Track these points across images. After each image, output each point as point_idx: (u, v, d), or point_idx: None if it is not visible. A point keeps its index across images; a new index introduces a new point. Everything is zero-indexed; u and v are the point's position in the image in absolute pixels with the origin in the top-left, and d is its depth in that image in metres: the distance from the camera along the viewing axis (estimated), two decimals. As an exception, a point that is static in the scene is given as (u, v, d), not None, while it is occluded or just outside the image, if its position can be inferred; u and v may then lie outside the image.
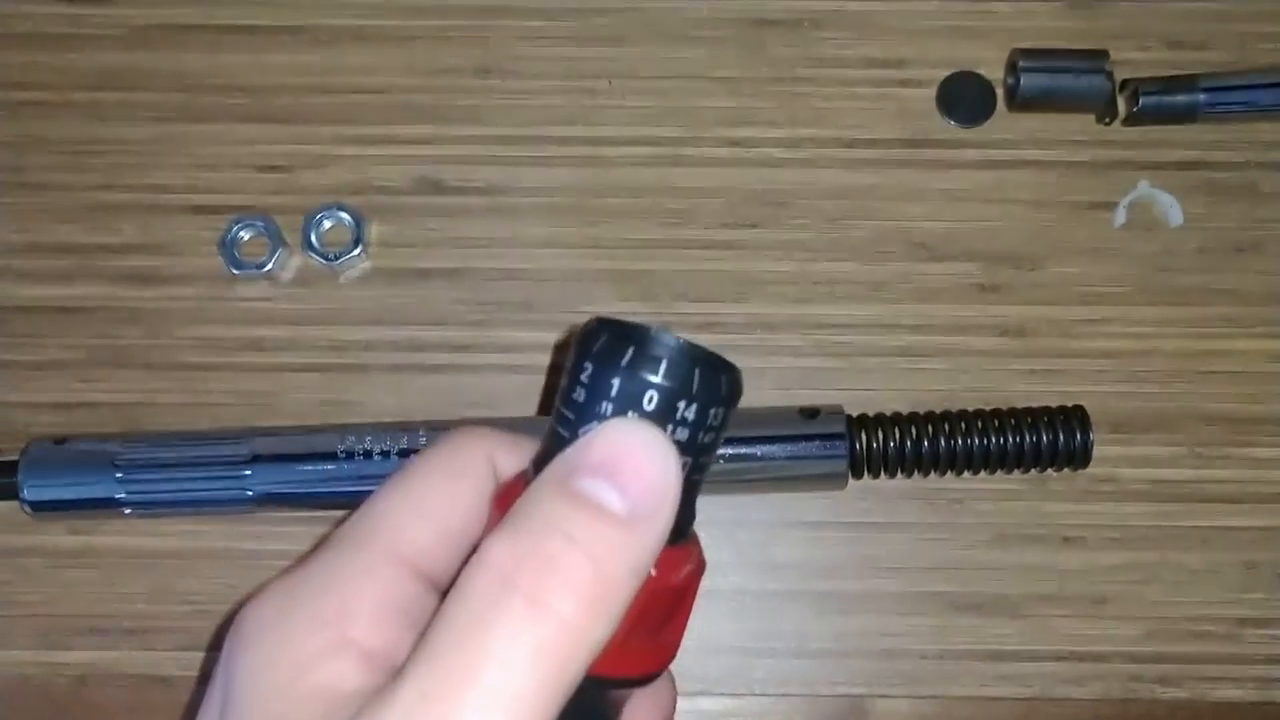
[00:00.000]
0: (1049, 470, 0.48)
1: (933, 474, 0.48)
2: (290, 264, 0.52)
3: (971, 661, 0.49)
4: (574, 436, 0.25)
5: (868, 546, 0.50)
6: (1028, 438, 0.47)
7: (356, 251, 0.51)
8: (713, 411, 0.25)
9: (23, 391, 0.51)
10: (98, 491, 0.47)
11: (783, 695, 0.49)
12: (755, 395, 0.50)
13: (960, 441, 0.47)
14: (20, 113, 0.54)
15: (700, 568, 0.27)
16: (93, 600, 0.50)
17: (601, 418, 0.25)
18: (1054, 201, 0.53)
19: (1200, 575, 0.50)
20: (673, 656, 0.27)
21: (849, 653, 0.50)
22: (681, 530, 0.26)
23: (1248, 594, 0.50)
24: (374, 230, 0.52)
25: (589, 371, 0.25)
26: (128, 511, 0.47)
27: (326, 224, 0.51)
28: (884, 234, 0.53)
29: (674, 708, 0.31)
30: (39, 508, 0.47)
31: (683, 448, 0.25)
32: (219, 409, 0.51)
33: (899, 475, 0.48)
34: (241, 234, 0.51)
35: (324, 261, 0.51)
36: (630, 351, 0.24)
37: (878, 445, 0.47)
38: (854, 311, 0.52)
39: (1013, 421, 0.47)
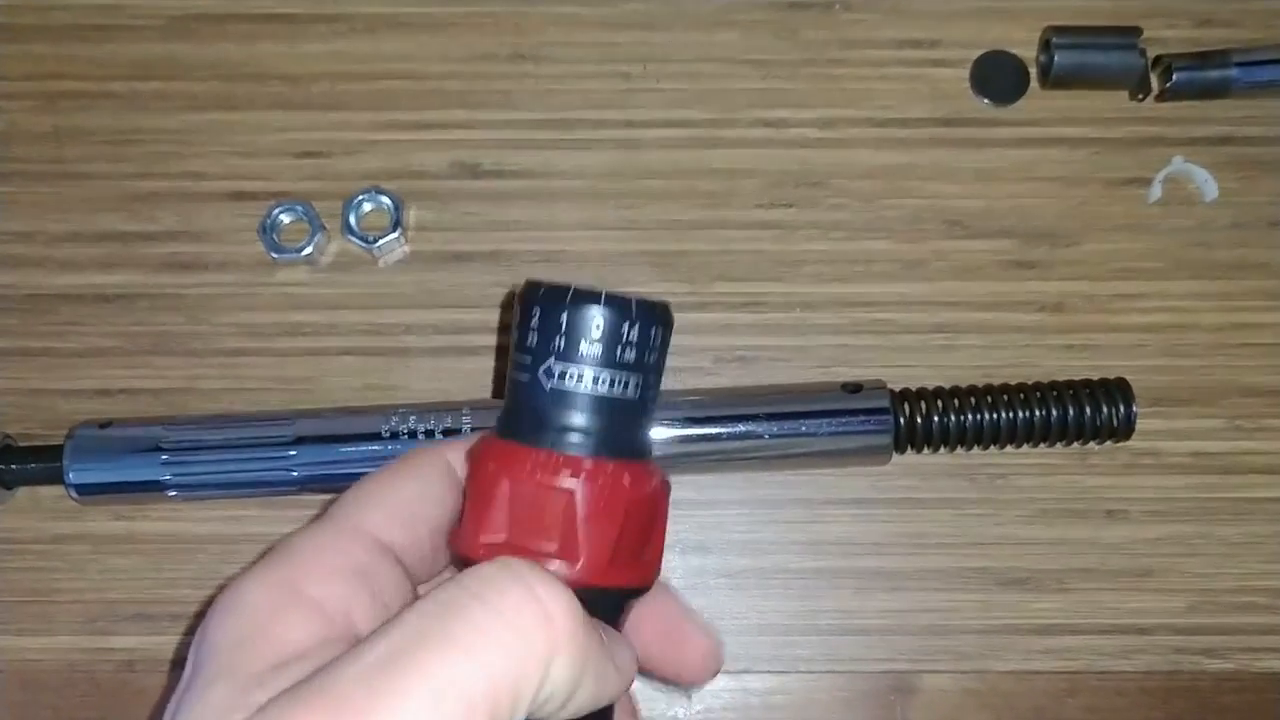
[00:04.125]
0: (1091, 443, 0.48)
1: (976, 448, 0.48)
2: (329, 248, 0.52)
3: (1016, 636, 0.49)
4: (533, 377, 0.28)
5: (911, 523, 0.50)
6: (1070, 410, 0.47)
7: (395, 235, 0.51)
8: (653, 330, 0.28)
9: (64, 378, 0.51)
10: (143, 474, 0.47)
11: (828, 672, 0.49)
12: (795, 373, 0.51)
13: (1003, 414, 0.47)
14: (59, 103, 0.54)
15: (666, 486, 0.30)
16: (138, 586, 0.50)
17: (557, 351, 0.27)
18: (1089, 178, 0.53)
19: (1242, 547, 0.50)
20: (657, 571, 0.30)
21: (893, 629, 0.50)
22: (644, 448, 0.29)
23: (1291, 565, 0.50)
24: (412, 215, 0.53)
25: (538, 315, 0.28)
26: (173, 494, 0.47)
27: (366, 207, 0.52)
28: (919, 213, 0.53)
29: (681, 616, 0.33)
30: (85, 491, 0.47)
31: (633, 366, 0.28)
32: (259, 394, 0.51)
33: (942, 449, 0.48)
34: (282, 217, 0.51)
35: (363, 245, 0.51)
36: (572, 292, 0.27)
37: (921, 419, 0.47)
38: (891, 289, 0.52)
39: (1055, 394, 0.48)
